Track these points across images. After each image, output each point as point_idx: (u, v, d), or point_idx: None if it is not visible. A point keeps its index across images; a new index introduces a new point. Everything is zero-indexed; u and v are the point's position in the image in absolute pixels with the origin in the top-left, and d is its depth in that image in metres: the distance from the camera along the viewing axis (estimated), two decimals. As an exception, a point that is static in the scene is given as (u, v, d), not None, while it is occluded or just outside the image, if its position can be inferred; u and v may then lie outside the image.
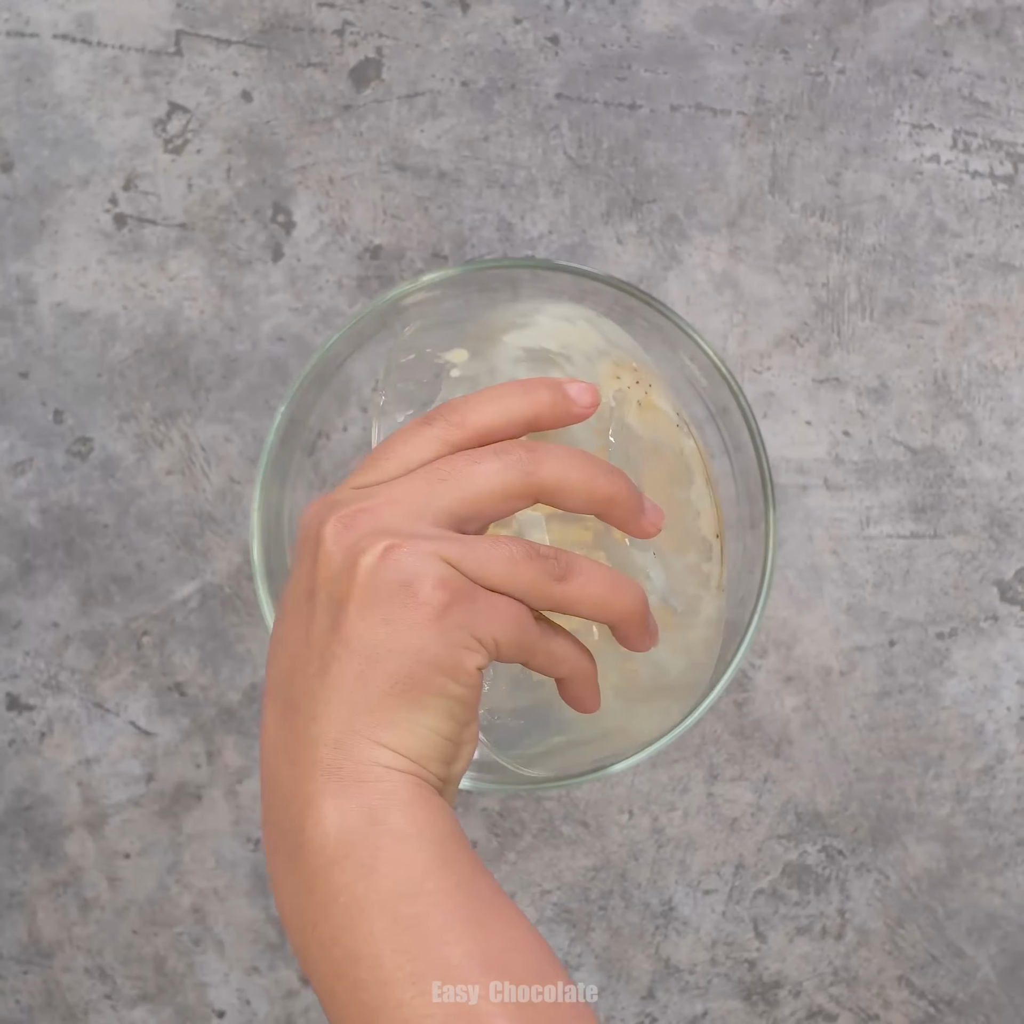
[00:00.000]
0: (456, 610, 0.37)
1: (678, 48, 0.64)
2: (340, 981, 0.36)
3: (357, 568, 0.37)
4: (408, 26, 0.64)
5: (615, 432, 0.46)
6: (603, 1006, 0.63)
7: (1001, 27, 0.64)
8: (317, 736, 0.37)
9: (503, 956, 0.36)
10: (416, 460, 0.39)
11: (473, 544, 0.37)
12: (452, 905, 0.36)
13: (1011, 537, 0.63)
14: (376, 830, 0.36)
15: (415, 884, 0.36)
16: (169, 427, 0.63)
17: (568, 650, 0.41)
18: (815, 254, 0.64)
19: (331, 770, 0.36)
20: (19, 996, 0.63)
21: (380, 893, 0.35)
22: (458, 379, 0.46)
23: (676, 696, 0.49)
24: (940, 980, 0.64)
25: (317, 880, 0.36)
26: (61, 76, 0.64)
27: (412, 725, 0.37)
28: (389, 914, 0.35)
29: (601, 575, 0.39)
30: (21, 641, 0.63)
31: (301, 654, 0.38)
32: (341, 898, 0.36)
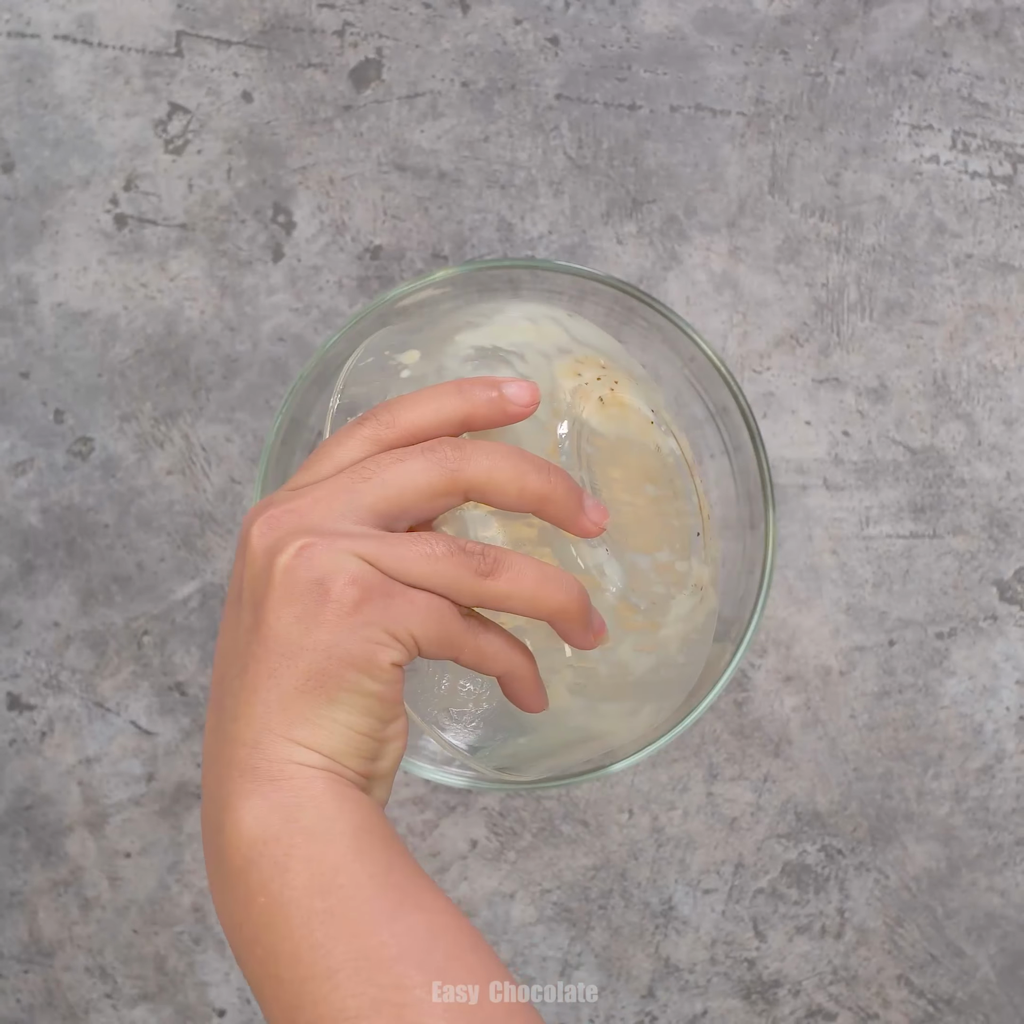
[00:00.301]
0: (368, 606, 0.37)
1: (678, 49, 0.64)
2: (266, 981, 0.36)
3: (274, 567, 0.37)
4: (408, 27, 0.64)
5: (568, 428, 0.46)
6: (603, 1005, 0.63)
7: (1000, 28, 0.64)
8: (236, 736, 0.37)
9: (421, 944, 0.36)
10: (347, 460, 0.40)
11: (391, 541, 0.38)
12: (365, 897, 0.36)
13: (1010, 537, 0.64)
14: (289, 828, 0.36)
15: (328, 879, 0.36)
16: (170, 427, 0.63)
17: (499, 647, 0.40)
18: (815, 254, 0.64)
19: (247, 770, 0.37)
20: (20, 995, 0.63)
21: (294, 890, 0.36)
22: (407, 379, 0.46)
23: (646, 696, 0.48)
24: (939, 979, 0.64)
25: (237, 881, 0.37)
26: (62, 77, 0.64)
27: (325, 722, 0.37)
28: (304, 911, 0.36)
29: (531, 571, 0.39)
30: (22, 641, 0.63)
31: (229, 656, 0.39)
32: (259, 898, 0.36)
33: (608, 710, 0.47)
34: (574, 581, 0.40)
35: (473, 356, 0.46)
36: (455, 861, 0.63)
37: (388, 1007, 0.35)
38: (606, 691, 0.46)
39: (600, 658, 0.45)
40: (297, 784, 0.37)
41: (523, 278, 0.57)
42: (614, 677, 0.46)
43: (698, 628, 0.50)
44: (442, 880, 0.63)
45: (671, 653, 0.48)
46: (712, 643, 0.56)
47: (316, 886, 0.36)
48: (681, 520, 0.50)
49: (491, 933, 0.63)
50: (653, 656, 0.47)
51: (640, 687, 0.48)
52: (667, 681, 0.49)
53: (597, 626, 0.42)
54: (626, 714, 0.48)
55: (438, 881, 0.63)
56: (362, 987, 0.35)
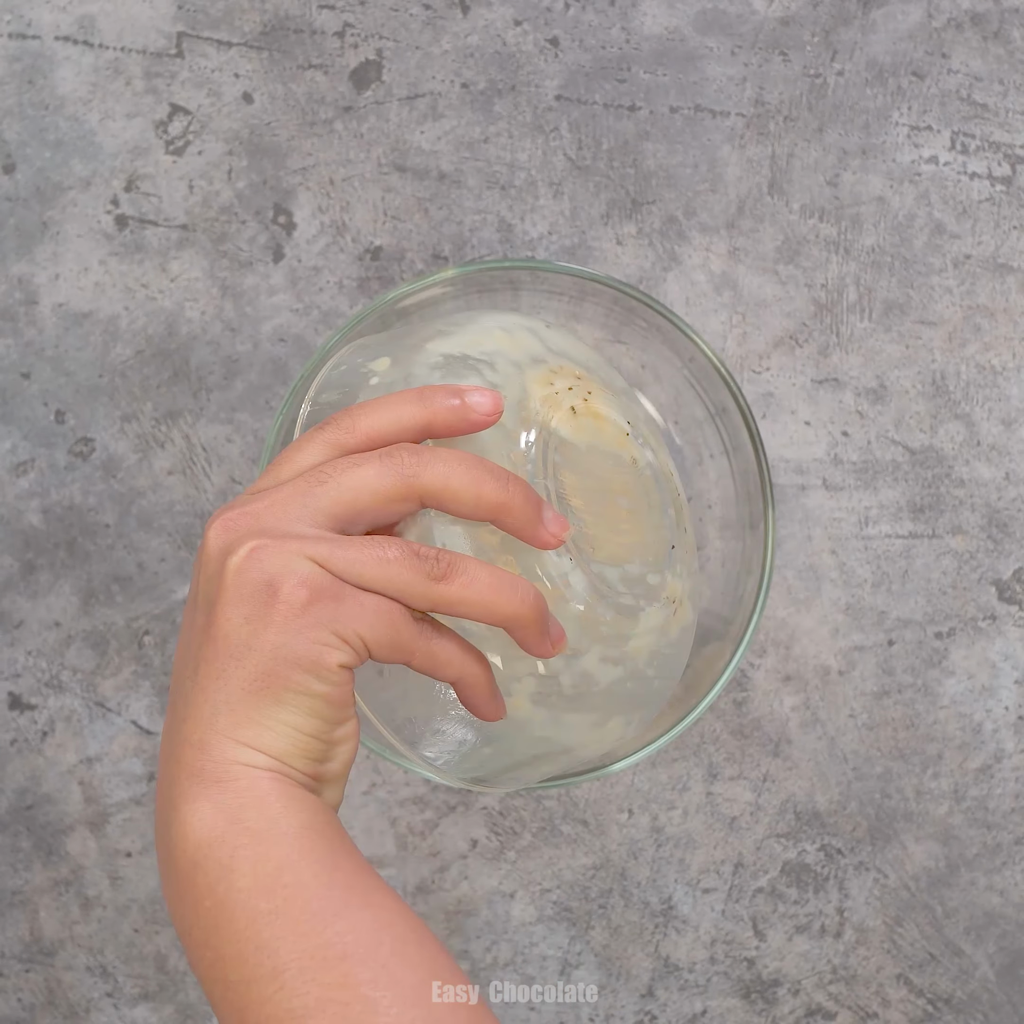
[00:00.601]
0: (316, 608, 0.37)
1: (677, 50, 0.64)
2: (215, 984, 0.36)
3: (226, 569, 0.37)
4: (408, 28, 0.64)
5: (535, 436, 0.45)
6: (603, 1004, 0.64)
7: (999, 29, 0.64)
8: (185, 737, 0.37)
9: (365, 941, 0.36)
10: (307, 464, 0.40)
11: (344, 544, 0.38)
12: (309, 896, 0.36)
13: (1009, 537, 0.64)
14: (234, 829, 0.36)
15: (272, 880, 0.36)
16: (170, 427, 0.63)
17: (452, 652, 0.40)
18: (814, 255, 0.64)
19: (193, 771, 0.37)
20: (21, 994, 0.63)
21: (239, 892, 0.36)
22: (375, 386, 0.46)
23: (613, 708, 0.48)
24: (938, 978, 0.64)
25: (185, 885, 0.37)
26: (63, 78, 0.64)
27: (271, 722, 0.37)
28: (249, 912, 0.36)
29: (486, 577, 0.39)
30: (23, 641, 0.63)
31: (184, 658, 0.39)
32: (206, 901, 0.36)
33: (573, 721, 0.47)
34: (530, 588, 0.40)
35: (441, 364, 0.45)
36: (455, 860, 0.63)
37: (333, 1005, 0.35)
38: (570, 702, 0.46)
39: (564, 668, 0.45)
40: (242, 785, 0.37)
41: (523, 279, 0.57)
42: (578, 687, 0.46)
43: (671, 642, 0.50)
44: (442, 879, 0.63)
45: (639, 666, 0.48)
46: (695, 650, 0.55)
47: (261, 887, 0.36)
48: (656, 533, 0.49)
49: (491, 932, 0.63)
50: (620, 668, 0.47)
51: (606, 698, 0.47)
52: (636, 694, 0.49)
53: (555, 635, 0.42)
54: (592, 726, 0.48)
55: (439, 880, 0.63)
56: (307, 986, 0.35)
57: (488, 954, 0.63)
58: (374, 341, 0.49)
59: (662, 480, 0.51)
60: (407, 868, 0.63)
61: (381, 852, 0.63)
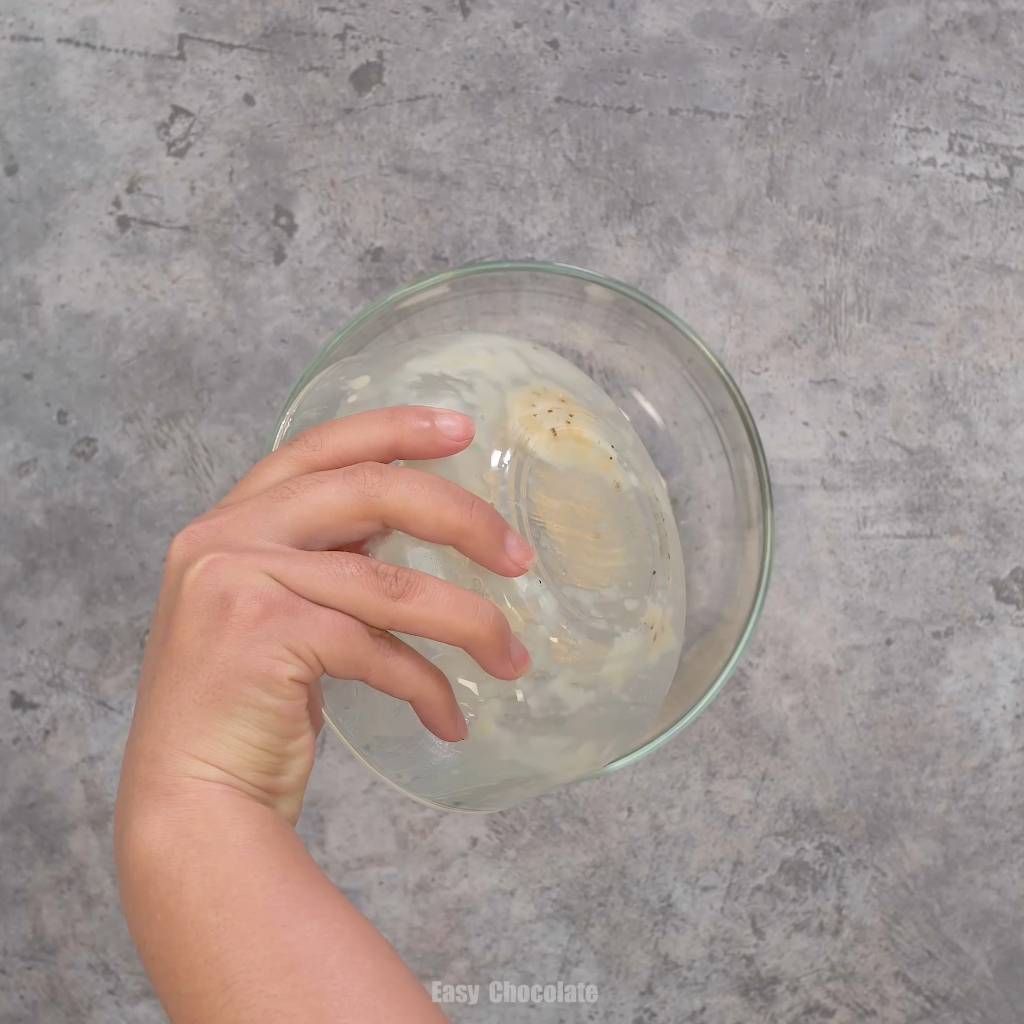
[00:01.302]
0: (270, 622, 0.37)
1: (676, 52, 0.64)
2: (169, 997, 0.36)
3: (183, 581, 0.38)
4: (409, 30, 0.64)
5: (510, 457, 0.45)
6: (602, 1002, 0.64)
7: (997, 31, 0.65)
8: (139, 750, 0.38)
9: (314, 951, 0.36)
10: (273, 480, 0.40)
11: (301, 559, 0.38)
12: (257, 907, 0.36)
13: (1007, 537, 0.64)
14: (183, 842, 0.36)
15: (220, 892, 0.36)
16: (172, 428, 0.64)
17: (409, 670, 0.40)
18: (812, 256, 0.64)
19: (146, 784, 0.37)
20: (23, 992, 0.64)
21: (188, 905, 0.36)
22: (352, 404, 0.45)
23: (584, 733, 0.47)
24: (936, 976, 0.64)
25: (138, 898, 0.37)
26: (65, 80, 0.64)
27: (222, 735, 0.37)
28: (199, 925, 0.36)
29: (445, 596, 0.39)
30: (25, 640, 0.63)
31: (144, 669, 0.39)
32: (157, 915, 0.36)
33: (541, 745, 0.46)
34: (491, 608, 0.40)
35: (419, 383, 0.45)
36: (455, 859, 0.63)
37: (281, 1017, 0.35)
38: (538, 725, 0.45)
39: (531, 691, 0.44)
40: (191, 798, 0.37)
41: (523, 280, 0.58)
42: (546, 711, 0.45)
43: (649, 669, 0.49)
44: (443, 877, 0.63)
45: (614, 691, 0.47)
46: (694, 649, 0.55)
47: (209, 899, 0.36)
48: (637, 558, 0.49)
49: (491, 930, 0.64)
50: (592, 693, 0.46)
51: (577, 723, 0.46)
52: (608, 719, 0.48)
53: (516, 656, 0.41)
54: (562, 751, 0.47)
55: (439, 878, 0.63)
56: (255, 998, 0.35)
57: (488, 952, 0.64)
58: (361, 359, 0.49)
59: (647, 505, 0.50)
60: (407, 866, 0.63)
61: (382, 850, 0.63)
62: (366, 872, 0.63)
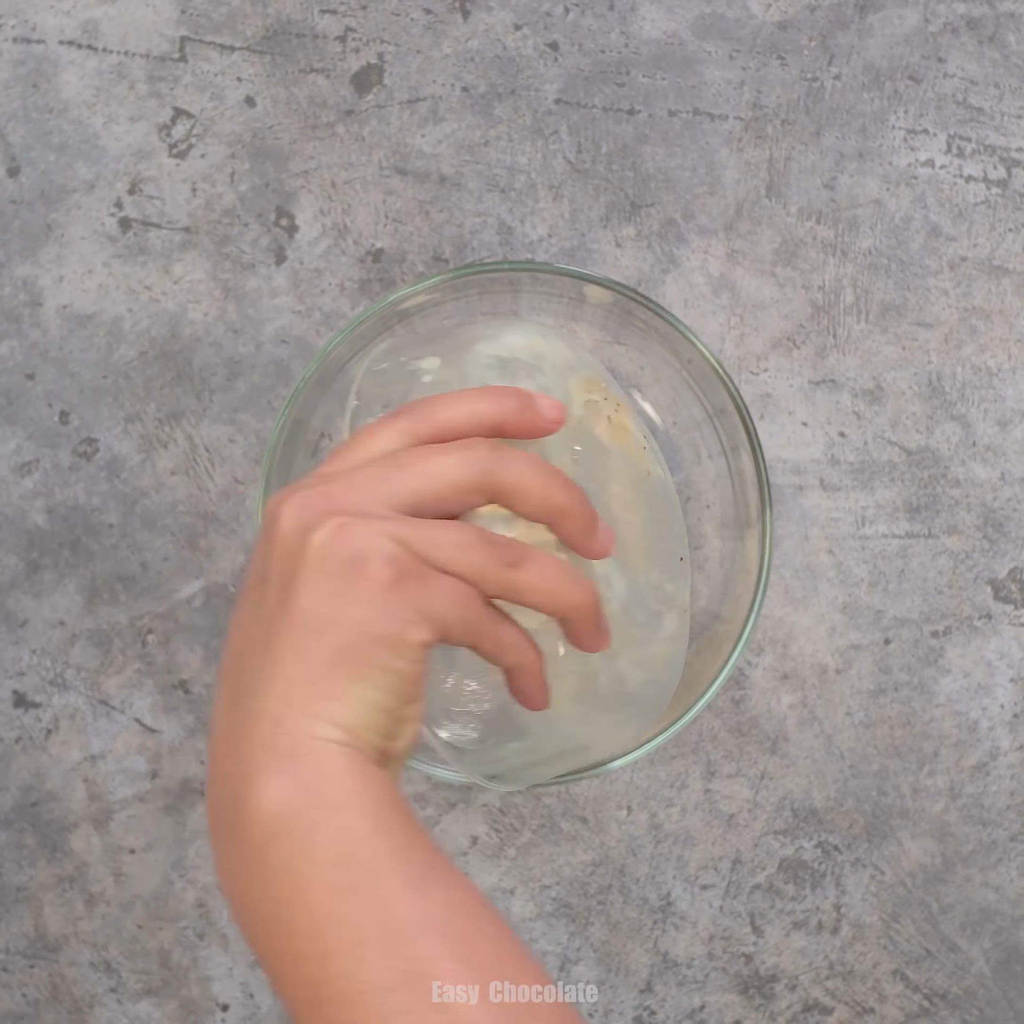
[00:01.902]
0: (403, 586, 0.37)
1: (676, 54, 0.65)
2: (284, 958, 0.36)
3: (308, 545, 0.38)
4: (409, 32, 0.64)
5: (583, 443, 0.47)
6: (602, 1000, 0.64)
7: (995, 33, 0.65)
8: (257, 712, 0.37)
9: (443, 917, 0.36)
10: (380, 451, 0.40)
11: (425, 526, 0.38)
12: (388, 871, 0.36)
13: (1004, 536, 0.64)
14: (310, 802, 0.36)
15: (351, 853, 0.36)
16: (173, 428, 0.64)
17: (517, 638, 0.41)
18: (811, 257, 0.64)
19: (268, 746, 0.37)
20: (25, 990, 0.64)
21: (317, 865, 0.36)
22: (429, 384, 0.47)
23: (633, 711, 0.49)
24: (934, 974, 0.64)
25: (256, 857, 0.36)
26: (67, 82, 0.64)
27: (349, 697, 0.37)
28: (327, 885, 0.36)
29: (553, 567, 0.40)
30: (28, 639, 0.63)
31: (250, 634, 0.39)
32: (280, 874, 0.36)
33: (600, 720, 0.48)
34: (590, 583, 0.41)
35: (494, 365, 0.47)
36: (456, 857, 0.64)
37: (415, 979, 0.35)
38: (603, 701, 0.47)
39: (603, 667, 0.46)
40: (318, 759, 0.37)
41: (523, 281, 0.58)
42: (612, 687, 0.47)
43: (680, 650, 0.51)
44: (443, 876, 0.64)
45: (658, 671, 0.49)
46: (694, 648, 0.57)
47: (339, 861, 0.36)
48: (667, 544, 0.51)
49: (491, 928, 0.64)
50: (645, 671, 0.48)
51: (630, 701, 0.49)
52: (652, 698, 0.50)
53: (604, 630, 0.43)
54: (615, 726, 0.49)
55: (439, 877, 0.64)
56: (388, 960, 0.35)
57: (488, 950, 0.64)
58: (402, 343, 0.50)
59: (670, 493, 0.52)
60: (408, 865, 0.64)
61: (382, 849, 0.63)
62: (367, 870, 0.64)
